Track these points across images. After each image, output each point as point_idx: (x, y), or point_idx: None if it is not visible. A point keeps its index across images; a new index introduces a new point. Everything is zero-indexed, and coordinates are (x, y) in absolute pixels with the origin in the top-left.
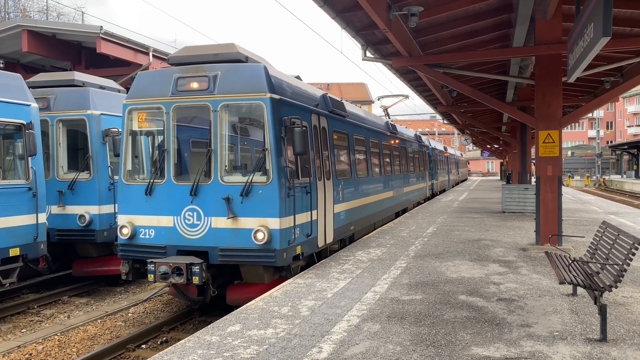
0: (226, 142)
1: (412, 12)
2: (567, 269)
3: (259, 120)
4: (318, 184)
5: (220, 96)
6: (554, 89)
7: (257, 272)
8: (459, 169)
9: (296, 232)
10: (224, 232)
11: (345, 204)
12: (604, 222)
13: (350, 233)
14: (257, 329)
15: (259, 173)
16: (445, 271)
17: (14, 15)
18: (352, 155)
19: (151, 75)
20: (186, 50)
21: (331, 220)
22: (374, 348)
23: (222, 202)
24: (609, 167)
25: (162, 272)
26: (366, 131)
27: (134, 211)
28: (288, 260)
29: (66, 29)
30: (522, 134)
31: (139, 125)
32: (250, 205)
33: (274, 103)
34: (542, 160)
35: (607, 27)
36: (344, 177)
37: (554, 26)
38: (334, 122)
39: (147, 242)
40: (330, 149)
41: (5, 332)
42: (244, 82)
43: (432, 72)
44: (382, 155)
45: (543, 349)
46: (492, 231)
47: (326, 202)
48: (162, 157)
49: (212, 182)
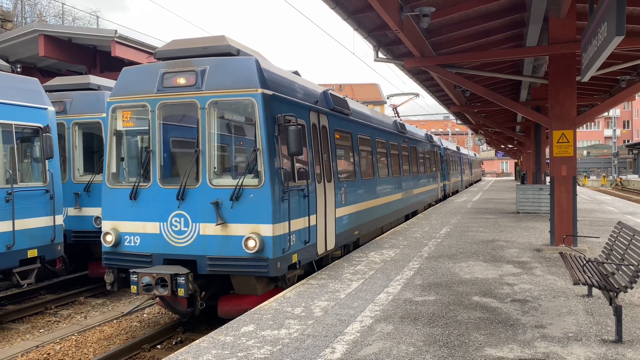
0: (215, 142)
1: (424, 12)
2: (582, 270)
3: (249, 118)
4: (317, 187)
5: (209, 92)
6: (568, 88)
7: (249, 283)
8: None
9: (292, 239)
10: (213, 239)
11: (349, 207)
12: (619, 223)
13: (354, 238)
14: (270, 330)
15: (250, 175)
16: (459, 272)
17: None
18: (357, 156)
19: (136, 70)
20: (174, 43)
21: (332, 225)
22: (387, 349)
23: (210, 207)
24: (625, 167)
25: (145, 283)
26: (372, 130)
27: (118, 217)
28: (283, 270)
29: (81, 33)
30: (536, 134)
31: (123, 124)
32: (241, 210)
33: (266, 99)
34: (556, 160)
35: (620, 26)
36: (348, 178)
37: (567, 25)
38: (335, 121)
39: (132, 250)
40: (331, 149)
41: (24, 332)
42: (233, 77)
43: (444, 72)
44: (389, 156)
45: (557, 350)
46: (506, 232)
47: (327, 206)
48: (148, 159)
49: (200, 185)
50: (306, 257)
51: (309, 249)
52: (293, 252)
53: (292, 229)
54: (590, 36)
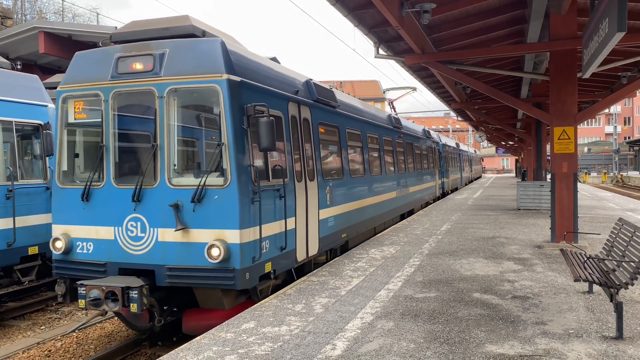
0: (176, 135)
1: (425, 8)
2: (582, 267)
3: (214, 107)
4: (297, 186)
5: (168, 79)
6: (569, 84)
7: (214, 296)
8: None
9: (264, 246)
10: (173, 247)
11: (335, 208)
12: (620, 219)
13: (341, 241)
14: (271, 326)
15: (214, 174)
16: (460, 269)
17: (31, 17)
18: (345, 152)
19: (90, 55)
20: (133, 25)
21: (315, 228)
22: (387, 345)
23: (170, 210)
24: (626, 164)
25: (93, 297)
26: (363, 124)
27: (70, 220)
28: (253, 282)
29: (81, 30)
30: (537, 131)
31: (75, 116)
32: (204, 213)
33: (232, 86)
34: (557, 157)
35: (622, 22)
36: (334, 177)
37: (568, 21)
38: (320, 113)
39: (85, 258)
40: (314, 144)
41: (25, 329)
42: (196, 61)
43: (445, 69)
44: (382, 152)
45: (558, 347)
46: (506, 228)
47: (308, 207)
48: (101, 155)
49: (159, 185)
50: (283, 265)
51: (286, 256)
52: (266, 260)
53: (264, 234)
54: (592, 32)
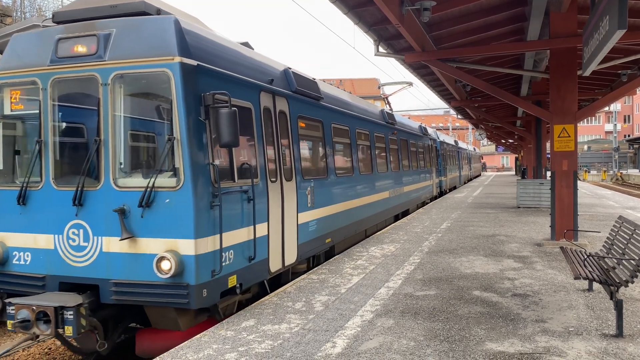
0: (122, 128)
1: (425, 6)
2: (582, 264)
3: (165, 96)
4: (270, 187)
5: (113, 63)
6: (569, 82)
7: (168, 316)
8: (471, 164)
9: (227, 257)
10: (119, 258)
11: (317, 210)
12: (620, 217)
13: (325, 247)
14: (271, 324)
15: (166, 174)
16: (459, 267)
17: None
18: (329, 149)
19: (28, 37)
20: (78, 3)
21: (293, 233)
22: (387, 343)
23: (116, 215)
24: (626, 161)
25: (22, 318)
26: (352, 119)
27: (5, 227)
28: (212, 299)
29: None
30: (537, 129)
31: (11, 107)
32: (154, 220)
33: (186, 71)
34: (557, 155)
35: (622, 19)
36: (317, 176)
37: (568, 19)
38: (300, 106)
39: (22, 270)
40: (293, 140)
41: None
42: (145, 43)
43: (445, 66)
44: (374, 149)
45: (558, 345)
46: (506, 226)
47: (284, 211)
48: (38, 152)
49: (103, 186)
50: (252, 278)
51: (257, 267)
52: (229, 273)
53: (227, 243)
54: (592, 30)
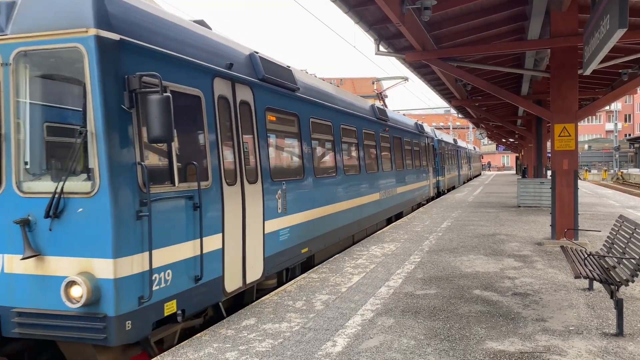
0: (28, 119)
1: (426, 5)
2: (583, 263)
3: (78, 78)
4: (226, 191)
5: (15, 37)
6: (570, 81)
7: (84, 354)
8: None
9: (162, 279)
10: (24, 281)
11: (291, 217)
12: (620, 216)
13: (301, 258)
14: (271, 323)
15: (79, 176)
16: (460, 266)
17: None
18: (307, 147)
19: None
20: None
21: (258, 245)
22: (388, 342)
23: (18, 228)
24: (627, 161)
25: None
26: (335, 114)
27: None
28: (141, 331)
29: None
30: (537, 128)
31: None
32: (64, 234)
33: (104, 47)
34: (557, 154)
35: (623, 18)
36: (290, 177)
37: (569, 18)
38: (269, 96)
39: None
40: (259, 135)
41: None
42: (56, 12)
43: (446, 65)
44: (362, 147)
45: (558, 344)
46: (507, 226)
47: (246, 219)
48: None
49: (4, 192)
50: (199, 301)
51: (206, 288)
52: (165, 298)
53: (161, 262)
54: (593, 29)
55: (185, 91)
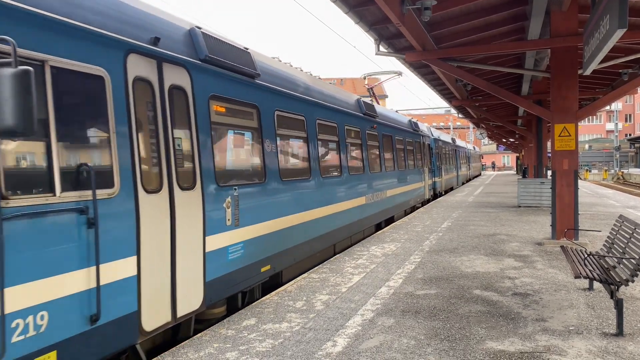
0: None
1: (426, 5)
2: (583, 263)
3: None
4: (144, 201)
5: None
6: (570, 81)
7: None
8: (470, 163)
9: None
10: None
11: (247, 229)
12: (620, 216)
13: (261, 277)
14: (272, 323)
15: None
16: (460, 266)
17: None
18: (271, 144)
19: None
20: None
21: (196, 267)
22: (388, 342)
23: None
24: (627, 161)
25: None
26: (309, 107)
27: None
28: None
29: None
30: (537, 128)
31: None
32: None
33: None
34: (558, 154)
35: (623, 18)
36: (247, 181)
37: (569, 18)
38: (215, 82)
39: None
40: (199, 129)
41: None
42: None
43: (446, 66)
44: (344, 146)
45: (558, 344)
46: (507, 226)
47: (176, 235)
48: None
49: None
50: (99, 349)
51: (110, 329)
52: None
53: (28, 302)
54: (593, 29)
55: (77, 69)
